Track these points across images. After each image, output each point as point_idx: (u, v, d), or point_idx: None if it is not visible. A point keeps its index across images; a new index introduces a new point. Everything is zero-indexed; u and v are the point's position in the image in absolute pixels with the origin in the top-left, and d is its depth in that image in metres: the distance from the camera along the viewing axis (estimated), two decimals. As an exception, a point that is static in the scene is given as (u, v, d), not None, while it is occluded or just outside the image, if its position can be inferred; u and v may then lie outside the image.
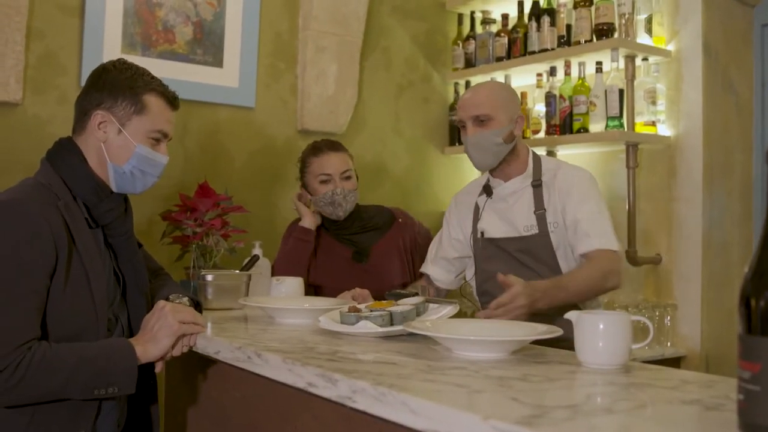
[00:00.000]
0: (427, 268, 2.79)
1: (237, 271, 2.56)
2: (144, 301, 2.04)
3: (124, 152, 1.96)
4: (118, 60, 2.04)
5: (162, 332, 1.87)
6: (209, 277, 2.46)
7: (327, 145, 2.98)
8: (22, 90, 2.96)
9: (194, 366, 2.19)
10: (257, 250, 2.78)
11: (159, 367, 1.93)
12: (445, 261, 2.75)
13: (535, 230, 2.49)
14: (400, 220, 3.07)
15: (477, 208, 2.65)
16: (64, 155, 1.94)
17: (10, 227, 1.73)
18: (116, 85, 1.95)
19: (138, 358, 1.81)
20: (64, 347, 1.74)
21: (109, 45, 3.17)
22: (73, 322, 1.79)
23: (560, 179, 2.51)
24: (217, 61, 3.45)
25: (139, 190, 2.03)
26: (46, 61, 3.04)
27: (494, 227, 2.58)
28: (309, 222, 2.94)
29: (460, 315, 2.07)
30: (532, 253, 2.51)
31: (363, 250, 2.94)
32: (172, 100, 2.05)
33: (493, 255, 2.57)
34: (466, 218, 2.69)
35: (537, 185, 2.52)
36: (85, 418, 1.82)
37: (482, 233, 2.60)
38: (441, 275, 2.76)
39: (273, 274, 2.81)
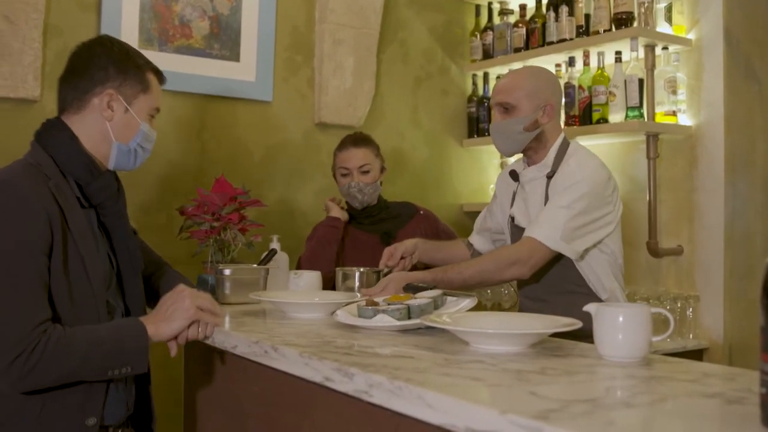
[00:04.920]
0: (472, 238, 2.89)
1: (255, 266, 2.56)
2: (139, 282, 2.02)
3: (130, 130, 1.96)
4: (105, 37, 2.02)
5: (177, 314, 1.86)
6: (227, 272, 2.46)
7: (351, 140, 3.16)
8: (40, 87, 2.97)
9: (212, 360, 2.19)
10: (275, 244, 2.78)
11: (174, 351, 1.92)
12: (487, 232, 2.84)
13: None
14: (421, 212, 3.25)
15: (513, 194, 2.67)
16: (54, 134, 1.91)
17: (4, 209, 1.71)
18: (122, 63, 1.94)
19: (150, 337, 1.80)
20: (77, 329, 1.72)
21: (126, 40, 3.07)
22: (72, 304, 1.76)
23: (562, 170, 2.49)
24: (234, 56, 3.45)
25: (137, 165, 2.04)
26: (64, 58, 2.99)
27: (520, 215, 2.59)
28: (337, 213, 3.13)
29: (478, 308, 2.06)
30: None
31: (390, 232, 3.11)
32: (162, 77, 2.07)
33: None
34: (506, 202, 2.71)
35: (551, 176, 2.50)
36: (94, 404, 1.81)
37: (513, 218, 2.62)
38: (482, 244, 2.85)
39: (304, 263, 2.96)
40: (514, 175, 2.64)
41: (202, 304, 1.90)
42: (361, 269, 2.54)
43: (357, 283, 2.50)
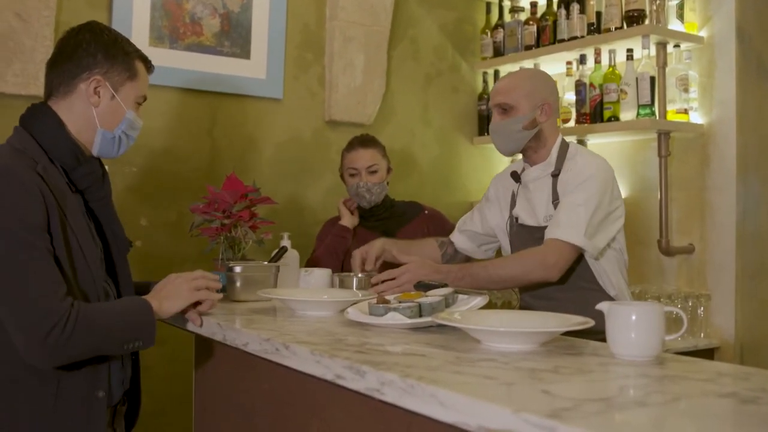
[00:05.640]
0: (454, 236, 2.89)
1: (265, 263, 2.56)
2: (127, 265, 2.06)
3: (115, 117, 1.96)
4: (94, 23, 2.01)
5: (177, 294, 1.94)
6: (238, 269, 2.46)
7: (359, 141, 3.21)
8: (51, 84, 2.97)
9: (222, 357, 2.19)
10: (285, 242, 2.78)
11: (198, 322, 2.00)
12: (471, 233, 2.84)
13: None
14: (426, 212, 3.28)
15: (513, 194, 2.67)
16: (41, 119, 1.91)
17: (7, 192, 1.71)
18: (110, 50, 1.94)
19: (155, 312, 1.85)
20: (93, 307, 1.77)
21: (137, 38, 3.17)
22: (76, 284, 1.79)
23: (569, 169, 2.49)
24: (245, 53, 3.45)
25: (120, 153, 2.03)
26: None
27: (525, 214, 2.60)
28: (348, 221, 3.20)
29: (488, 306, 2.05)
30: None
31: (390, 231, 3.13)
32: (150, 66, 2.07)
33: (527, 240, 2.57)
34: (504, 203, 2.72)
35: (556, 175, 2.51)
36: (101, 380, 1.86)
37: (516, 219, 2.62)
38: (463, 243, 2.86)
39: (315, 266, 2.94)
40: (515, 176, 2.66)
41: (198, 285, 1.97)
42: (360, 274, 2.54)
43: (354, 288, 2.50)
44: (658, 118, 3.34)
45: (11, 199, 1.71)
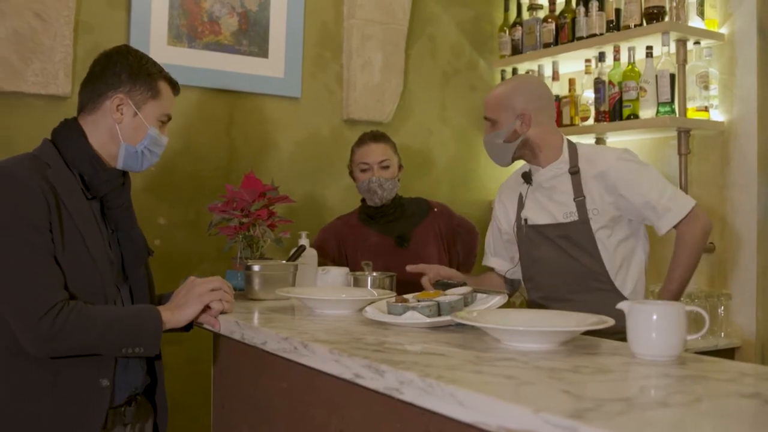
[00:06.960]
0: (489, 260, 2.85)
1: (284, 262, 2.56)
2: (144, 273, 2.15)
3: (138, 133, 2.07)
4: (124, 46, 2.15)
5: (191, 299, 2.01)
6: (256, 268, 2.46)
7: (370, 136, 3.16)
8: (71, 83, 2.99)
9: (241, 356, 2.19)
10: (303, 240, 2.77)
11: (217, 325, 2.06)
12: (500, 249, 2.81)
13: (575, 217, 2.49)
14: (435, 209, 3.23)
15: (521, 197, 2.66)
16: (65, 132, 2.05)
17: (9, 193, 1.84)
18: (134, 71, 2.06)
19: (164, 322, 1.93)
20: (96, 307, 1.87)
21: (156, 37, 3.19)
22: (76, 283, 1.87)
23: (602, 166, 2.48)
24: (263, 52, 3.45)
25: (144, 167, 2.14)
26: (94, 55, 3.01)
27: (536, 214, 2.59)
28: None
29: (507, 305, 2.04)
30: (572, 240, 2.50)
31: (404, 234, 3.09)
32: (176, 87, 2.18)
33: (538, 242, 2.57)
34: (511, 208, 2.72)
35: (575, 172, 2.50)
36: (105, 368, 1.93)
37: (526, 220, 2.61)
38: (501, 264, 2.81)
39: None
40: (526, 177, 2.64)
41: (213, 286, 2.04)
42: (374, 273, 2.53)
43: (369, 287, 2.49)
44: (678, 115, 3.31)
45: (13, 200, 1.83)
